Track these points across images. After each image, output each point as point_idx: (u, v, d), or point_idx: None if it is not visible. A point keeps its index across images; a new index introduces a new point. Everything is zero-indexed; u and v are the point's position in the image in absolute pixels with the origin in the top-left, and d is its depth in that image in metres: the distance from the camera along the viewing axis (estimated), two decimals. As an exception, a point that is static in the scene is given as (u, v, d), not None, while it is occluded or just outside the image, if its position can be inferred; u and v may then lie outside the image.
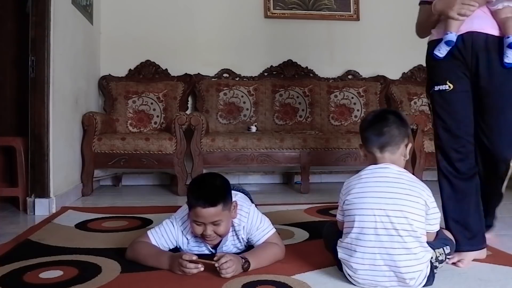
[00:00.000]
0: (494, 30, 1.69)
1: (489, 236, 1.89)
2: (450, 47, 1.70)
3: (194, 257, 1.47)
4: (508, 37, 1.64)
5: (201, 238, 1.59)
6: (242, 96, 3.98)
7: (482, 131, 1.74)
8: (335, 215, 1.60)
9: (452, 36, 1.68)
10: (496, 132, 1.72)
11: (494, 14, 1.70)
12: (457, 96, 1.75)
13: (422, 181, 1.46)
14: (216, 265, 1.45)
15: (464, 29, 1.70)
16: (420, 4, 1.92)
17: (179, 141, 3.39)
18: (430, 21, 1.83)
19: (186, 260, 1.46)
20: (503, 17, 1.68)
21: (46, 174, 2.68)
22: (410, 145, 1.52)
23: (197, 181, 1.61)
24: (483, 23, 1.69)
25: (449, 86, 1.76)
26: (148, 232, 1.65)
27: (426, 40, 1.92)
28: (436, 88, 1.81)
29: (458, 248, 1.66)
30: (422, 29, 1.92)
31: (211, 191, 1.53)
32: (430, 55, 1.80)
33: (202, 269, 1.47)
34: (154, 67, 4.05)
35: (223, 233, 1.58)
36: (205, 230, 1.53)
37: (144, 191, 3.65)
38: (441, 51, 1.73)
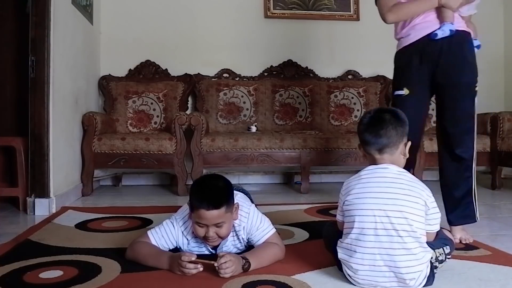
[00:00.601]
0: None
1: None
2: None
3: (194, 258, 1.47)
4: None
5: (202, 239, 1.59)
6: (242, 96, 3.98)
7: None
8: (335, 215, 1.60)
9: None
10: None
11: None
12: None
13: (422, 181, 1.45)
14: (215, 264, 1.45)
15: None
16: None
17: (179, 141, 3.39)
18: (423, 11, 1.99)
19: (186, 261, 1.46)
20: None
21: (46, 174, 2.68)
22: (409, 143, 1.52)
23: (200, 183, 1.60)
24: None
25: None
26: (148, 232, 1.65)
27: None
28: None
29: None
30: (409, 15, 2.02)
31: (215, 194, 1.52)
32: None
33: (201, 269, 1.47)
34: (154, 67, 4.05)
35: (225, 235, 1.59)
36: (207, 231, 1.53)
37: (144, 191, 3.65)
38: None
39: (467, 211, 2.01)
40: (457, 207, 2.01)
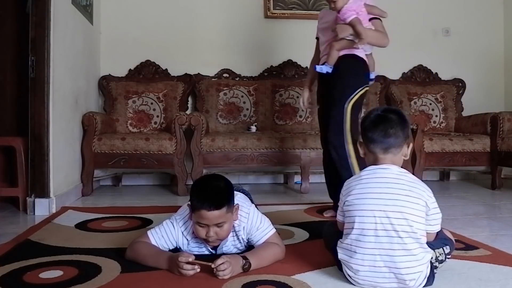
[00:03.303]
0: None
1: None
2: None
3: (191, 258, 1.47)
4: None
5: (203, 240, 1.59)
6: (242, 96, 3.98)
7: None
8: (335, 215, 1.60)
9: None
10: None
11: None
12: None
13: (422, 181, 1.45)
14: (213, 266, 1.45)
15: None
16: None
17: (179, 141, 3.39)
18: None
19: (183, 262, 1.45)
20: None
21: (46, 174, 2.68)
22: (411, 145, 1.51)
23: (200, 183, 1.59)
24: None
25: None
26: (148, 232, 1.65)
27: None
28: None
29: None
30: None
31: (216, 194, 1.52)
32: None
33: (198, 270, 1.46)
34: (154, 67, 4.05)
35: (225, 236, 1.59)
36: (208, 232, 1.53)
37: (144, 191, 3.65)
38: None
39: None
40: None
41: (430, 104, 4.17)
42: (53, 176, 2.71)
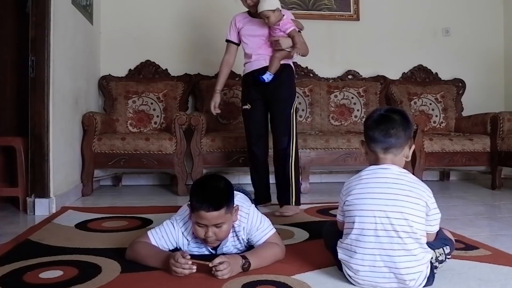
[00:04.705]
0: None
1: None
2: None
3: (188, 257, 1.47)
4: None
5: (202, 240, 1.59)
6: (242, 96, 3.97)
7: None
8: (335, 215, 1.60)
9: None
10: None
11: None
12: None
13: (422, 181, 1.45)
14: (210, 265, 1.45)
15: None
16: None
17: (179, 141, 3.39)
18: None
19: (178, 261, 1.45)
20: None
21: (46, 174, 2.68)
22: (413, 147, 1.51)
23: (200, 183, 1.59)
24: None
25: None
26: (148, 233, 1.65)
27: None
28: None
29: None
30: None
31: (215, 195, 1.52)
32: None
33: (194, 270, 1.46)
34: (154, 67, 4.05)
35: (224, 236, 1.59)
36: (206, 232, 1.53)
37: (144, 191, 3.65)
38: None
39: (288, 193, 2.67)
40: (280, 188, 2.71)
41: (430, 104, 4.17)
42: (53, 176, 2.71)
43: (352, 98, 4.09)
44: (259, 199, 2.79)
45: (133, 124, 3.80)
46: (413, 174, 1.54)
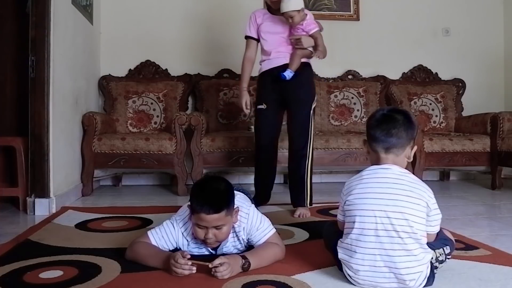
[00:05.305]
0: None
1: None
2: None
3: (188, 257, 1.47)
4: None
5: (202, 241, 1.59)
6: (242, 96, 3.97)
7: None
8: (335, 215, 1.60)
9: None
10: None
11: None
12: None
13: (422, 181, 1.45)
14: (210, 265, 1.45)
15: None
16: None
17: (179, 141, 3.39)
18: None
19: (178, 262, 1.45)
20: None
21: (46, 174, 2.68)
22: (415, 148, 1.50)
23: (201, 185, 1.59)
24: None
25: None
26: (149, 233, 1.65)
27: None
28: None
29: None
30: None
31: (215, 198, 1.51)
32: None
33: (194, 271, 1.46)
34: (154, 67, 4.05)
35: (223, 238, 1.59)
36: (206, 233, 1.53)
37: (144, 191, 3.65)
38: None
39: (302, 195, 2.63)
40: (295, 189, 2.66)
41: (430, 104, 4.17)
42: (53, 176, 2.71)
43: (352, 98, 4.09)
44: (260, 200, 2.75)
45: (133, 124, 3.80)
46: (413, 174, 1.54)
